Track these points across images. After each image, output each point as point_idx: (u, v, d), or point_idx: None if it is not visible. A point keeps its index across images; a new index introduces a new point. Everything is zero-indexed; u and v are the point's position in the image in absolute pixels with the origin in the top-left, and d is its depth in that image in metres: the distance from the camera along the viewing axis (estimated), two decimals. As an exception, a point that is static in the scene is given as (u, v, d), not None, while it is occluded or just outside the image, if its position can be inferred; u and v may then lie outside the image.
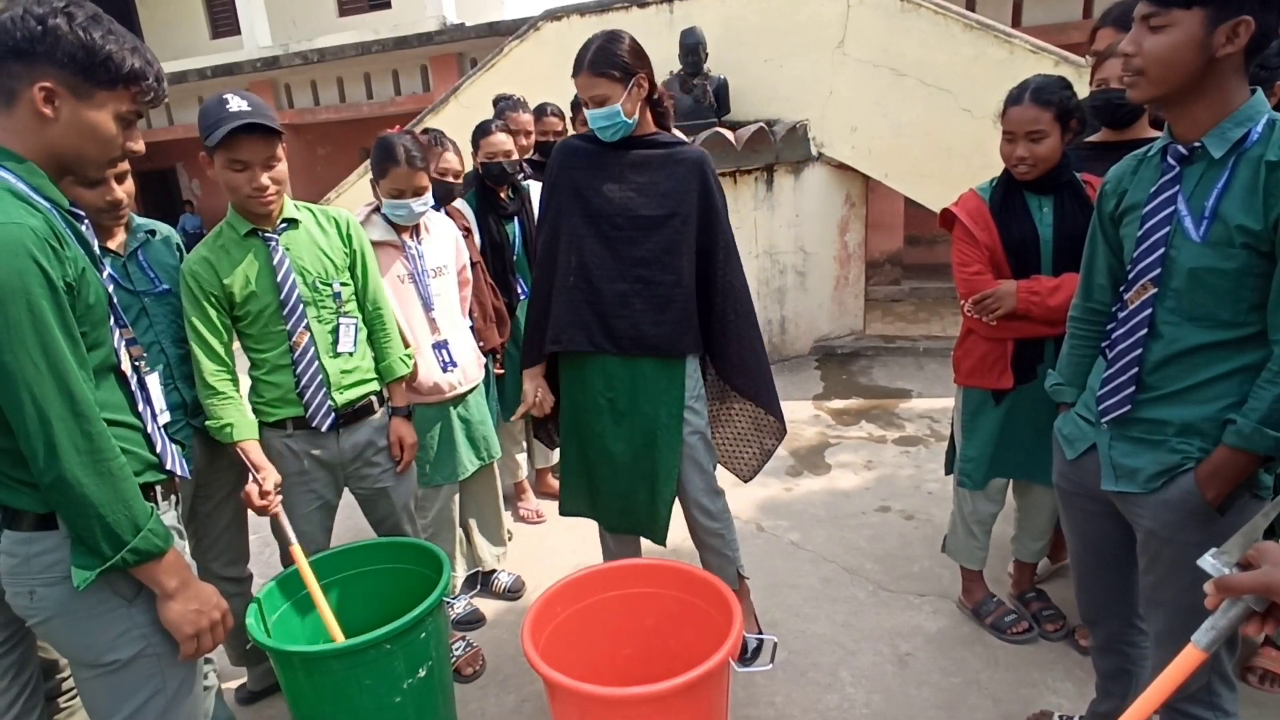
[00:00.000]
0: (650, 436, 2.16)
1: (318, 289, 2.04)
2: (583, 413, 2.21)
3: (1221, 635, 1.02)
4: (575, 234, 2.13)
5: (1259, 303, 1.33)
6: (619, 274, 2.11)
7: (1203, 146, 1.36)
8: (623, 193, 2.09)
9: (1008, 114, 2.11)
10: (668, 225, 2.09)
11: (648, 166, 2.10)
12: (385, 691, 1.86)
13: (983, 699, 2.22)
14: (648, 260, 2.09)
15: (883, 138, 5.00)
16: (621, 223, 2.09)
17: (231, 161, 1.86)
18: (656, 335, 2.11)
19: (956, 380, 2.41)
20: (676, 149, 2.13)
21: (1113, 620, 1.76)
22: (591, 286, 2.13)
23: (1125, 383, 1.46)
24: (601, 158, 2.12)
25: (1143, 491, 1.45)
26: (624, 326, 2.11)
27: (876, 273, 7.15)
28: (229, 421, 1.95)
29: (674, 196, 2.09)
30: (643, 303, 2.10)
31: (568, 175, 2.15)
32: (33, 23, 1.19)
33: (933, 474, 3.57)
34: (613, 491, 2.24)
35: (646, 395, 2.15)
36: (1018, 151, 2.09)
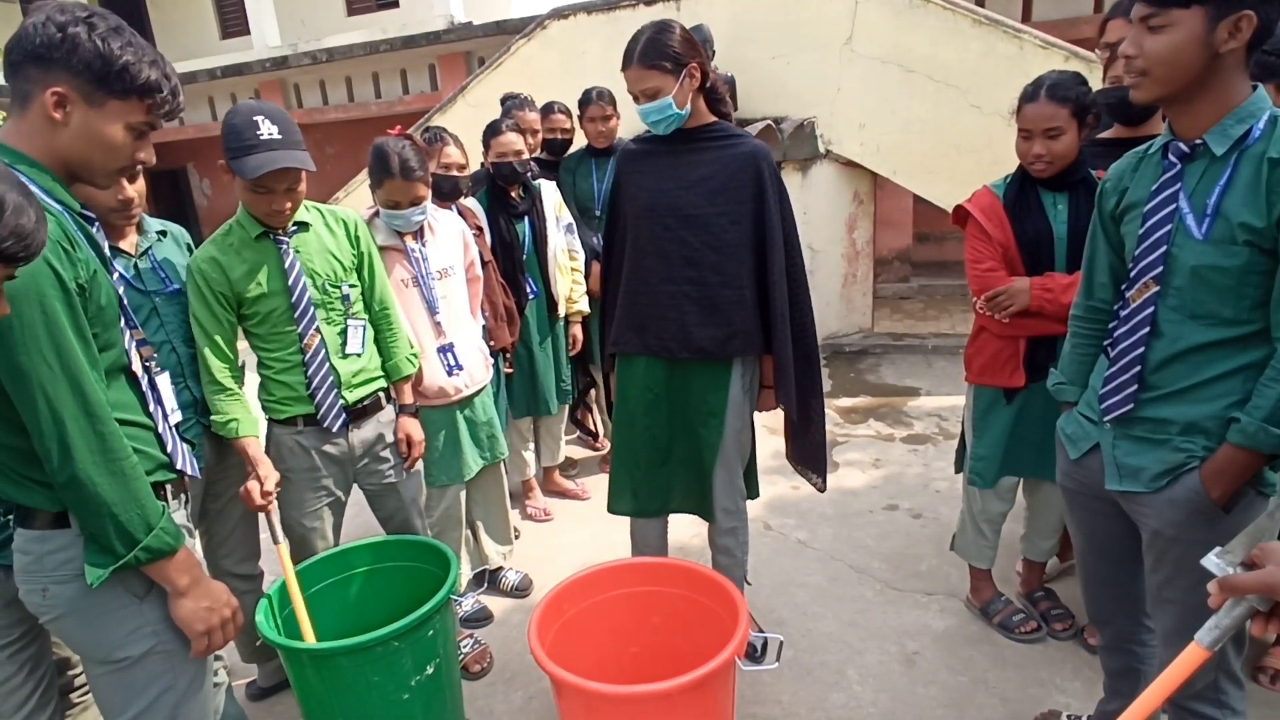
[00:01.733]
0: (692, 429, 2.21)
1: (327, 291, 2.06)
2: (633, 410, 2.22)
3: (1225, 634, 1.02)
4: (631, 236, 2.16)
5: (1261, 300, 1.32)
6: (667, 275, 2.11)
7: (1204, 144, 1.35)
8: (674, 191, 2.08)
9: (1023, 111, 2.09)
10: (715, 224, 2.07)
11: (700, 163, 2.08)
12: (393, 688, 1.87)
13: (990, 698, 2.22)
14: (695, 260, 2.08)
15: (891, 134, 4.98)
16: (671, 222, 2.09)
17: (255, 185, 1.87)
18: (703, 338, 2.10)
19: (968, 378, 2.40)
20: (732, 142, 2.10)
21: (1120, 619, 1.76)
22: (643, 289, 2.15)
23: (1128, 381, 1.45)
24: (656, 157, 2.12)
25: (1147, 491, 1.45)
26: (672, 330, 2.12)
27: (885, 270, 7.12)
28: (233, 417, 1.96)
29: (725, 193, 2.07)
30: (691, 305, 2.09)
31: (627, 179, 2.18)
32: (53, 29, 1.21)
33: (941, 472, 3.56)
34: (660, 477, 2.28)
35: (690, 395, 2.17)
36: (1034, 149, 2.08)
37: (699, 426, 2.19)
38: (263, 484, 1.93)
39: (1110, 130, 2.31)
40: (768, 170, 2.10)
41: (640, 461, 2.25)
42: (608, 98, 3.47)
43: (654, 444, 2.23)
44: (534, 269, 3.10)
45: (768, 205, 2.09)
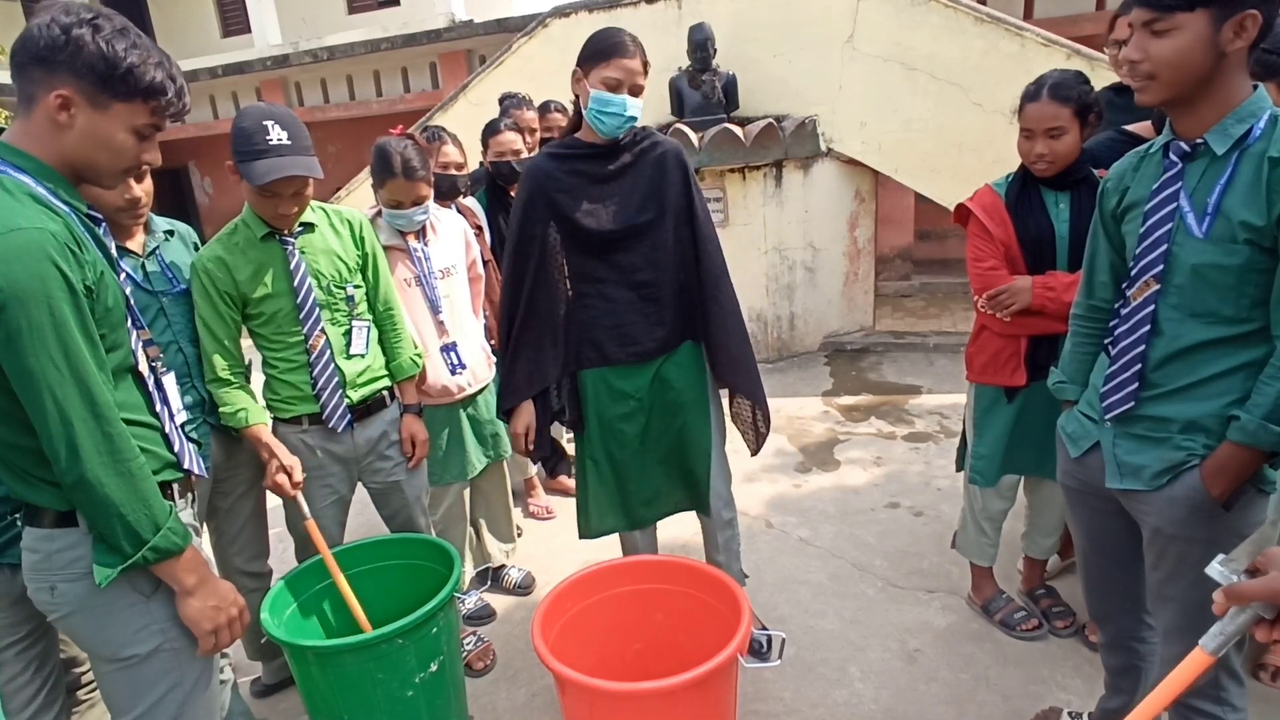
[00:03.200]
0: (680, 421, 2.19)
1: (332, 292, 2.07)
2: (613, 423, 2.17)
3: (1229, 641, 1.02)
4: (563, 254, 2.08)
5: (1261, 299, 1.33)
6: (618, 282, 2.09)
7: (1205, 143, 1.35)
8: (607, 203, 2.05)
9: (1025, 111, 2.09)
10: (657, 227, 2.07)
11: (626, 169, 2.07)
12: (398, 685, 1.88)
13: (991, 695, 2.23)
14: (642, 265, 2.08)
15: (893, 133, 4.98)
16: (610, 233, 2.05)
17: (262, 189, 1.88)
18: (665, 335, 2.12)
19: (969, 377, 2.41)
20: (650, 145, 2.10)
21: (1121, 617, 1.77)
22: (595, 302, 2.10)
23: (1128, 379, 1.46)
24: (577, 172, 2.05)
25: (1148, 489, 1.45)
26: (634, 333, 2.11)
27: (887, 268, 7.12)
28: (241, 407, 1.97)
29: (657, 197, 2.07)
30: (648, 306, 2.10)
31: (545, 199, 2.04)
32: (57, 31, 1.21)
33: (942, 470, 3.57)
34: (649, 484, 2.24)
35: (672, 385, 2.16)
36: (1037, 148, 2.08)
37: (687, 418, 2.18)
38: (291, 474, 1.96)
39: (1137, 124, 2.30)
40: (689, 167, 2.13)
41: (628, 474, 2.21)
42: (606, 97, 3.47)
43: (644, 449, 2.20)
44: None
45: (696, 200, 2.12)
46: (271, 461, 1.97)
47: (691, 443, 2.21)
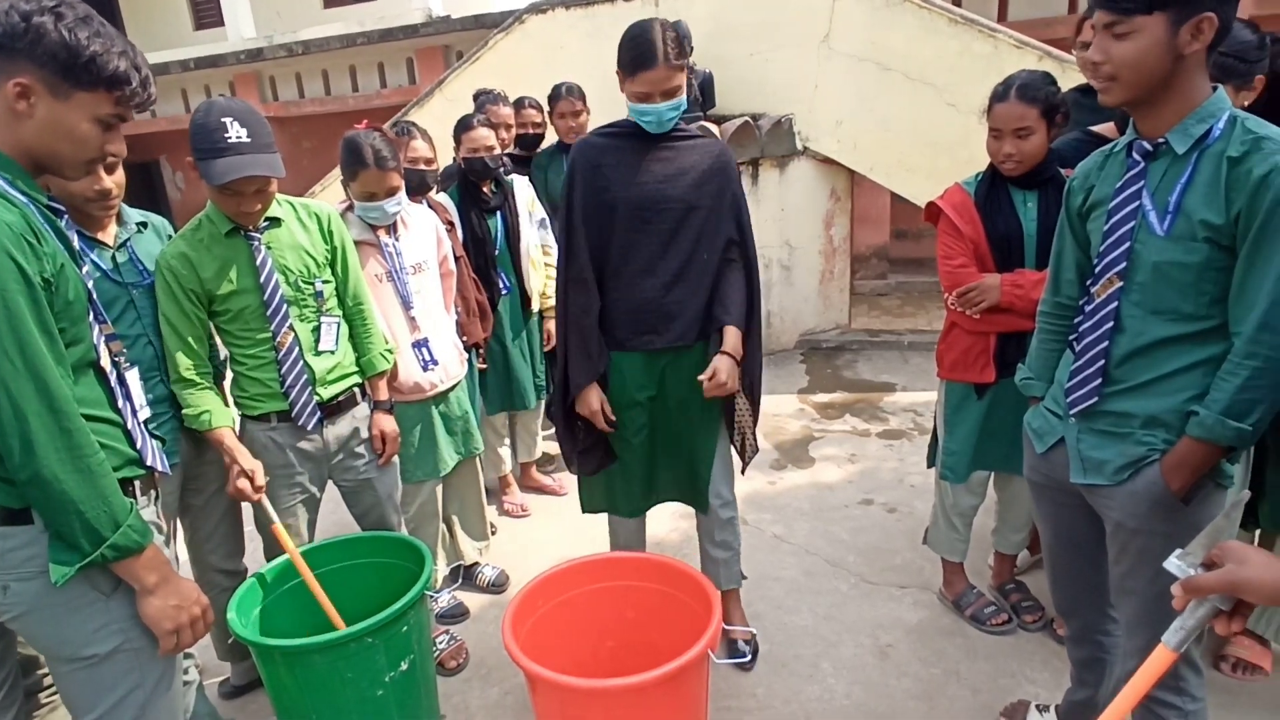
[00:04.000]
0: (688, 422, 2.20)
1: (300, 288, 2.04)
2: (622, 412, 2.17)
3: (1190, 635, 1.04)
4: (610, 232, 2.09)
5: (1220, 296, 1.36)
6: (646, 268, 2.10)
7: (1167, 142, 1.38)
8: (653, 184, 2.07)
9: (994, 111, 2.12)
10: (705, 214, 2.09)
11: (678, 156, 2.09)
12: (367, 685, 1.87)
13: (962, 689, 2.25)
14: (676, 251, 2.09)
15: (868, 132, 5.01)
16: (650, 215, 2.07)
17: (222, 188, 1.84)
18: (686, 327, 2.12)
19: (940, 374, 2.43)
20: (700, 138, 2.14)
21: (1086, 611, 1.79)
22: (619, 284, 2.12)
23: (1092, 375, 1.48)
24: (626, 152, 2.09)
25: (1110, 483, 1.48)
26: (650, 322, 2.11)
27: (863, 267, 7.17)
28: (205, 409, 1.94)
29: (709, 185, 2.09)
30: (670, 296, 2.10)
31: (593, 173, 2.09)
32: (17, 18, 1.18)
33: (916, 467, 3.60)
34: (649, 474, 2.25)
35: (684, 383, 2.15)
36: (1005, 148, 2.10)
37: (694, 415, 2.18)
38: (252, 479, 1.92)
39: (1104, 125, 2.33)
40: (735, 166, 2.17)
41: (632, 460, 2.22)
42: (577, 93, 3.47)
43: (650, 441, 2.21)
44: (507, 264, 3.09)
45: (741, 197, 2.16)
46: (232, 467, 1.94)
47: (699, 443, 2.22)
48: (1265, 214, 1.27)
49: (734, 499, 2.35)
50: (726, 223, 2.13)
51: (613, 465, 2.24)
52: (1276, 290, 1.27)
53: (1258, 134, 1.30)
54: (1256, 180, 1.27)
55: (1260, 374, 1.29)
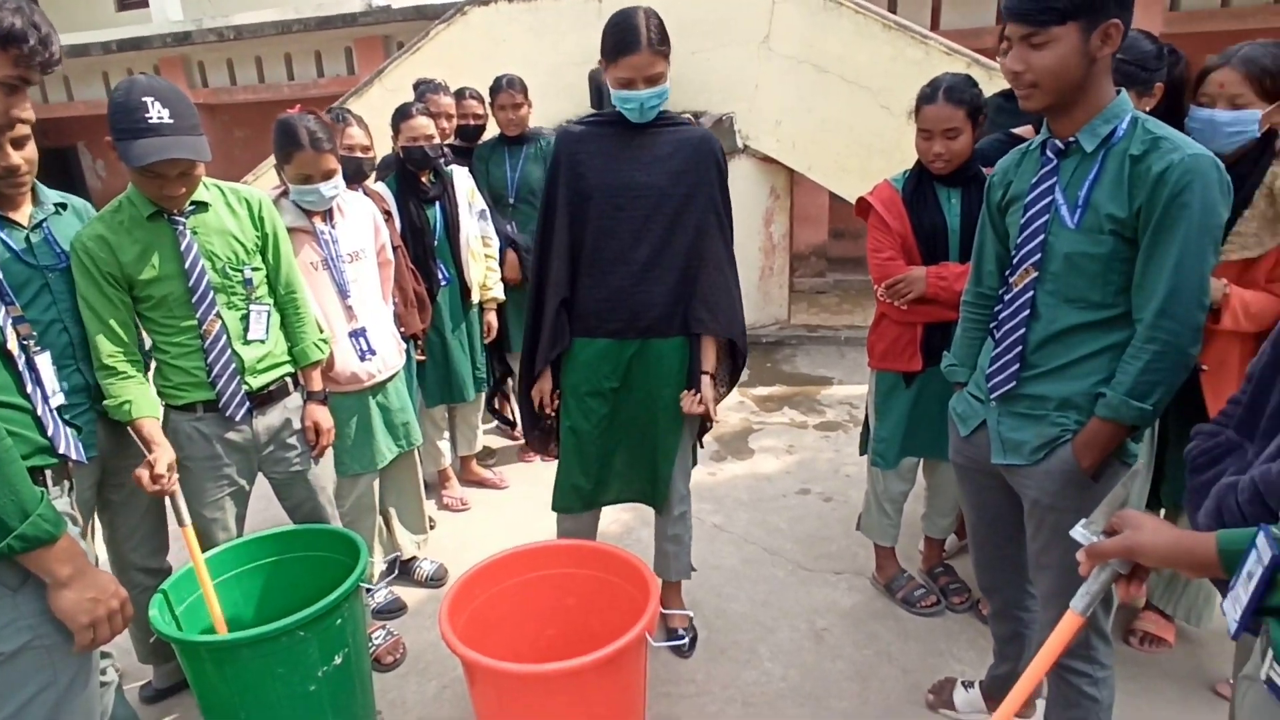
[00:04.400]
0: (652, 416, 2.18)
1: (228, 275, 1.97)
2: (585, 399, 2.17)
3: (1095, 599, 1.11)
4: (585, 219, 2.09)
5: (1125, 285, 1.44)
6: (620, 256, 2.09)
7: (1077, 141, 1.46)
8: (629, 171, 2.06)
9: (924, 113, 2.19)
10: (680, 203, 2.08)
11: (658, 144, 2.08)
12: (299, 680, 1.82)
13: (893, 669, 2.33)
14: (651, 240, 2.08)
15: (806, 132, 5.12)
16: (623, 202, 2.06)
17: (144, 169, 1.77)
18: (669, 315, 2.12)
19: (870, 364, 2.51)
20: (684, 126, 2.13)
21: (1007, 588, 1.88)
22: (591, 271, 2.11)
23: (1011, 361, 1.56)
24: (605, 139, 2.08)
25: (1027, 463, 1.55)
26: (617, 311, 2.11)
27: (802, 265, 7.31)
28: (126, 399, 1.86)
29: (688, 175, 2.08)
30: (646, 284, 2.10)
31: (572, 160, 2.09)
32: None
33: (851, 457, 3.70)
34: (611, 469, 2.24)
35: (653, 376, 2.15)
36: (934, 148, 2.18)
37: (661, 410, 2.17)
38: (152, 467, 1.82)
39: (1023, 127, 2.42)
40: (721, 155, 2.15)
41: (595, 455, 2.21)
42: (518, 85, 3.45)
43: (610, 433, 2.20)
44: (446, 255, 3.05)
45: (724, 188, 2.15)
46: (148, 455, 1.84)
47: (660, 440, 2.21)
48: (1163, 208, 1.35)
49: (689, 494, 2.36)
50: (703, 213, 2.11)
51: (568, 455, 2.23)
52: (1173, 280, 1.36)
53: (1156, 134, 1.39)
54: (1155, 176, 1.36)
55: (1160, 357, 1.38)
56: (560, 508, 2.28)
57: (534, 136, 3.51)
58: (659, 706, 2.17)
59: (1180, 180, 1.34)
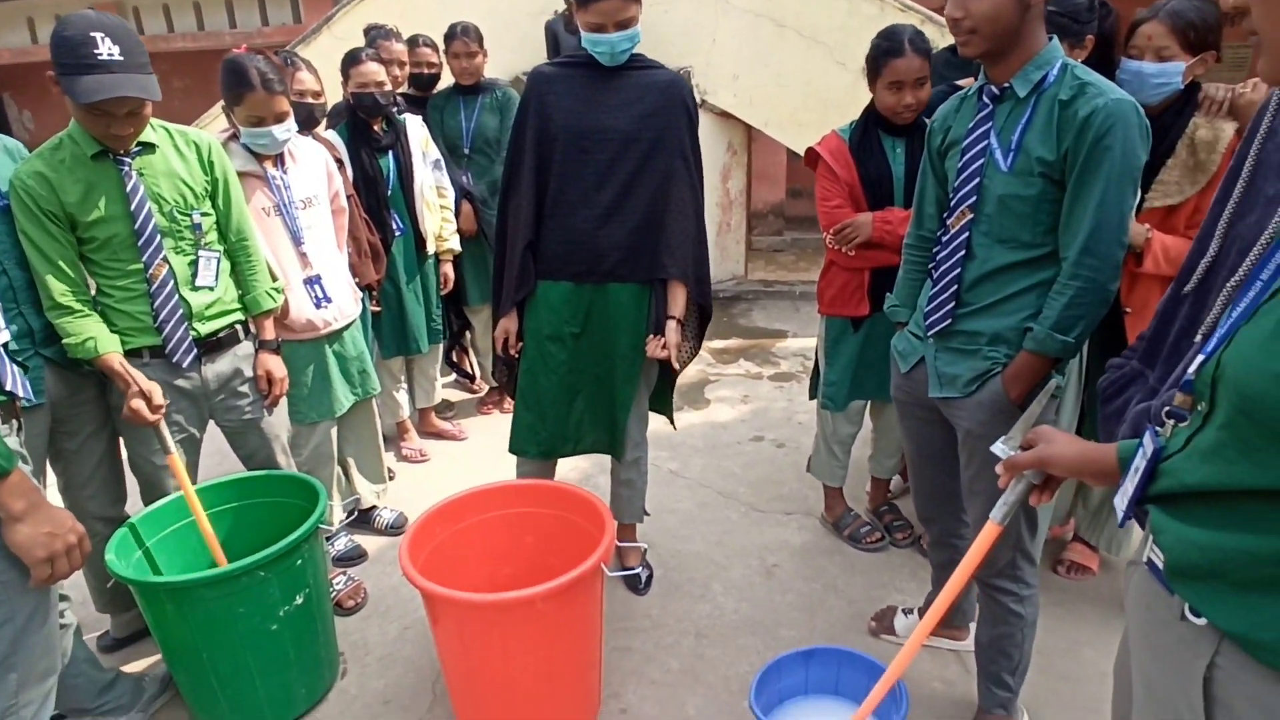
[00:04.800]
0: (610, 364, 2.20)
1: (175, 219, 1.94)
2: (543, 344, 2.18)
3: (1012, 509, 1.20)
4: (550, 161, 2.09)
5: (1053, 226, 1.53)
6: (583, 199, 2.09)
7: (1011, 87, 1.52)
8: (595, 114, 2.05)
9: (893, 66, 2.19)
10: (647, 147, 2.08)
11: (626, 87, 2.07)
12: (261, 619, 1.86)
13: (839, 600, 2.45)
14: (615, 184, 2.08)
15: (763, 87, 5.13)
16: (589, 145, 2.06)
17: (90, 107, 1.71)
18: (631, 260, 2.13)
19: (820, 310, 2.58)
20: (654, 69, 2.12)
21: (943, 517, 1.99)
22: (557, 212, 2.10)
23: (947, 299, 1.64)
24: (575, 81, 2.07)
25: (961, 395, 1.64)
26: (580, 254, 2.11)
27: (760, 223, 7.36)
28: (89, 335, 1.82)
29: (655, 118, 2.07)
30: (609, 227, 2.10)
31: (540, 101, 2.08)
32: None
33: (803, 405, 3.81)
34: (569, 418, 2.26)
35: (612, 322, 2.16)
36: (906, 99, 2.21)
37: (619, 358, 2.19)
38: (150, 398, 1.82)
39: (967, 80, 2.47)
40: (690, 100, 2.15)
41: (552, 400, 2.22)
42: (473, 34, 3.39)
43: (568, 380, 2.21)
44: (400, 205, 3.02)
45: (694, 134, 2.15)
46: (130, 388, 1.82)
47: (618, 388, 2.23)
48: (1087, 151, 1.43)
49: (645, 440, 2.42)
50: (670, 157, 2.11)
51: (525, 398, 2.26)
52: (1095, 219, 1.44)
53: (1083, 80, 1.46)
54: (1081, 121, 1.43)
55: (1082, 293, 1.47)
56: (518, 449, 2.31)
57: (489, 87, 3.46)
58: (617, 640, 2.26)
59: (1104, 124, 1.41)
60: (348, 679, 2.16)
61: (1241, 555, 0.73)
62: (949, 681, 2.09)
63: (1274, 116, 1.10)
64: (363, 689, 2.13)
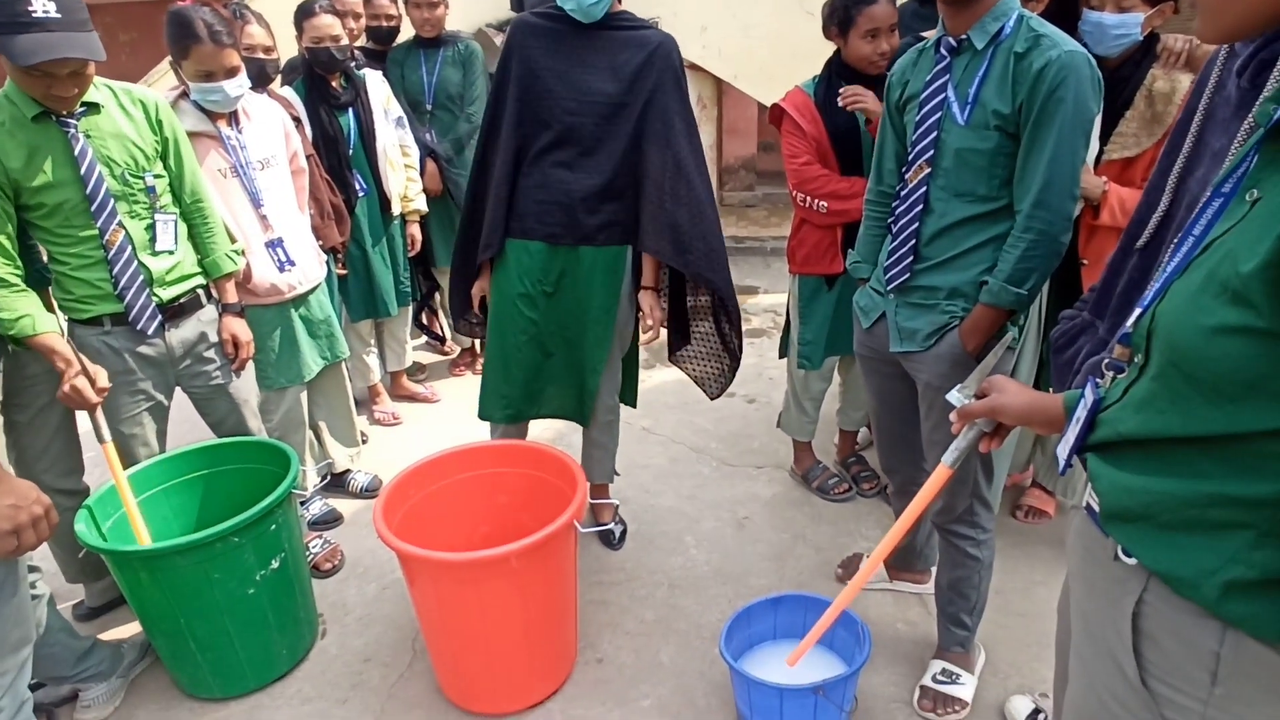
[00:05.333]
0: (581, 327, 2.18)
1: (128, 182, 1.89)
2: (513, 304, 2.15)
3: (963, 454, 1.25)
4: (533, 118, 2.04)
5: (1008, 179, 1.55)
6: (560, 157, 2.05)
7: (969, 39, 1.53)
8: (580, 73, 2.01)
9: (869, 12, 2.16)
10: (634, 111, 2.03)
11: (614, 47, 2.02)
12: (237, 584, 1.87)
13: (807, 549, 2.53)
14: (590, 143, 2.04)
15: (732, 39, 5.05)
16: (573, 105, 2.02)
17: (30, 68, 1.64)
18: (594, 225, 2.09)
19: (792, 270, 2.59)
20: (641, 31, 2.07)
21: (905, 467, 2.04)
22: (532, 170, 2.07)
23: (906, 254, 1.66)
24: (561, 37, 2.01)
25: (920, 349, 1.68)
26: (554, 213, 2.08)
27: (731, 179, 7.31)
28: (24, 314, 1.76)
29: (642, 81, 2.03)
30: (586, 189, 2.06)
31: (524, 55, 2.02)
32: None
33: (774, 362, 3.84)
34: (536, 380, 2.25)
35: (585, 285, 2.14)
36: (882, 46, 2.19)
37: (591, 321, 2.17)
38: (94, 380, 1.78)
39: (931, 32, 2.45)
40: (679, 62, 2.10)
41: (520, 362, 2.20)
42: (435, -17, 3.29)
43: (536, 342, 2.19)
44: (362, 165, 2.96)
45: (681, 98, 2.10)
46: (69, 368, 1.77)
47: (589, 352, 2.21)
48: (1041, 103, 1.45)
49: (617, 405, 2.43)
50: (655, 123, 2.06)
51: (493, 361, 2.25)
52: (1048, 172, 1.46)
53: (1039, 31, 1.47)
54: (1035, 73, 1.44)
55: (1035, 245, 1.50)
56: (486, 415, 2.31)
57: (451, 39, 3.37)
58: (592, 593, 2.32)
59: (1056, 77, 1.42)
60: (328, 639, 2.20)
61: (1168, 499, 0.77)
62: (911, 623, 2.18)
63: (1222, 69, 1.11)
64: (343, 648, 2.16)
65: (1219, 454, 0.74)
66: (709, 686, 1.98)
